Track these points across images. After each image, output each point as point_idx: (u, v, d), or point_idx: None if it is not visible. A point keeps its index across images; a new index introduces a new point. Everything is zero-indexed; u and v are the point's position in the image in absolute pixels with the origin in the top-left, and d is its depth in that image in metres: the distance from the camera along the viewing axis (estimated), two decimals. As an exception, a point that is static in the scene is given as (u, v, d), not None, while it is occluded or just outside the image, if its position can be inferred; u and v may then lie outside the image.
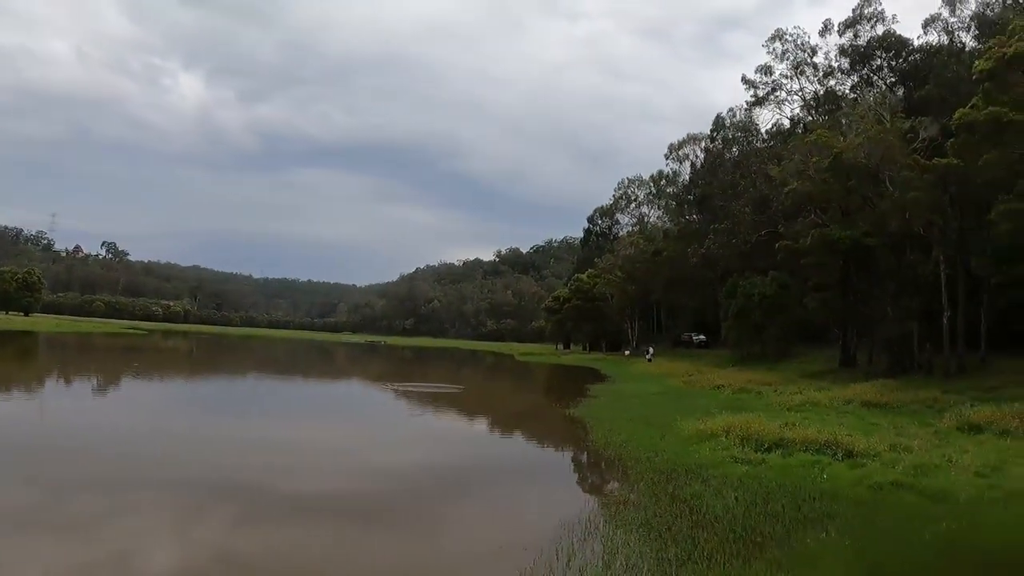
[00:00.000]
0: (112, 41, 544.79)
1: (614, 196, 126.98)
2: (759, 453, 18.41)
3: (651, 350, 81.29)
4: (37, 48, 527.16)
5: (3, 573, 9.89)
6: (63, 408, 29.61)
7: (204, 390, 43.28)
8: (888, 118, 46.36)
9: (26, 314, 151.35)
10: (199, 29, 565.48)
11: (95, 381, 42.10)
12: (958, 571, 10.48)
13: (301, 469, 18.50)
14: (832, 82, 75.11)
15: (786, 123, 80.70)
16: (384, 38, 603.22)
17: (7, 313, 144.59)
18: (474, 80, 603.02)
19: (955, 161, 34.50)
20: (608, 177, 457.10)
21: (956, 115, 34.82)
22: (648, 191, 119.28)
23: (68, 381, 41.36)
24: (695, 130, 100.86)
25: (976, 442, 19.55)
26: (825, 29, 73.76)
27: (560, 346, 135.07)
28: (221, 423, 26.76)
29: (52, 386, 38.16)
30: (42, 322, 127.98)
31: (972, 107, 33.60)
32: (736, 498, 14.06)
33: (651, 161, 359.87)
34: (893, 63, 68.75)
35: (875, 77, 69.70)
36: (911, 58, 66.93)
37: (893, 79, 68.19)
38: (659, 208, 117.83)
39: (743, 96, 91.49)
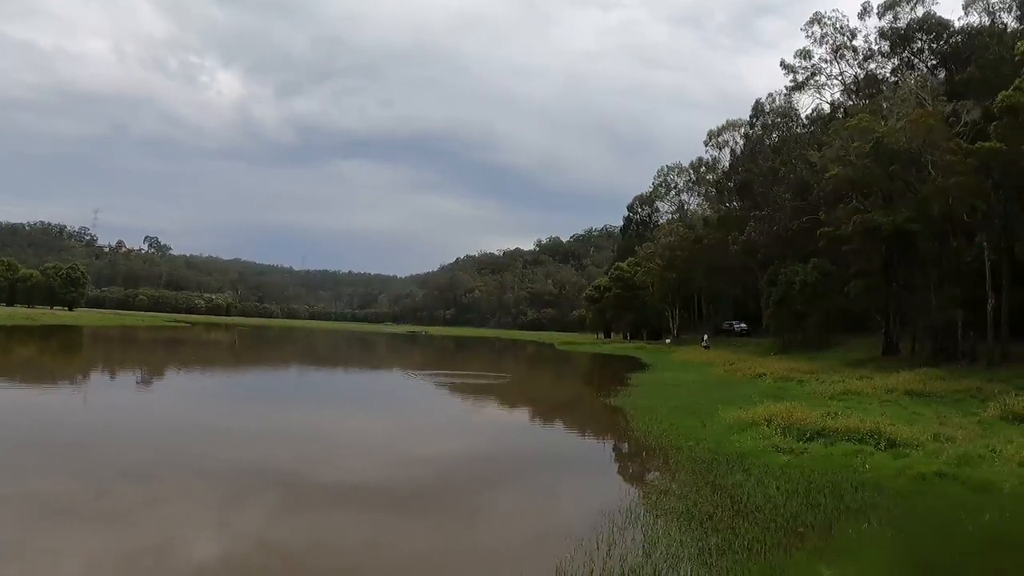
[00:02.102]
0: (149, 40, 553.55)
1: (653, 184, 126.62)
2: (801, 442, 18.31)
3: (707, 337, 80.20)
4: (75, 48, 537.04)
5: (53, 560, 10.14)
6: (106, 399, 30.11)
7: (245, 381, 43.81)
8: (930, 101, 45.89)
9: (70, 309, 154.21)
10: (234, 26, 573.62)
11: (138, 373, 42.72)
12: (1001, 563, 10.40)
13: (341, 458, 18.78)
14: (872, 65, 74.24)
15: (826, 108, 79.89)
16: (416, 30, 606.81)
17: (52, 308, 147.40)
18: (507, 70, 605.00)
19: (998, 145, 34.05)
20: (644, 165, 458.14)
21: (999, 98, 34.39)
22: (688, 178, 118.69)
23: (112, 373, 42.01)
24: (729, 117, 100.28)
25: (1021, 432, 19.28)
26: (864, 11, 72.82)
27: (601, 335, 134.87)
28: (261, 414, 27.07)
29: (96, 378, 38.87)
30: (86, 316, 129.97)
31: (1015, 89, 33.17)
32: (777, 488, 14.02)
33: (686, 149, 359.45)
34: (934, 45, 67.76)
35: (916, 60, 68.74)
36: (952, 40, 65.87)
37: (934, 62, 67.27)
38: (699, 195, 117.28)
39: (779, 83, 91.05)
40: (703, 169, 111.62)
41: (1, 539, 10.72)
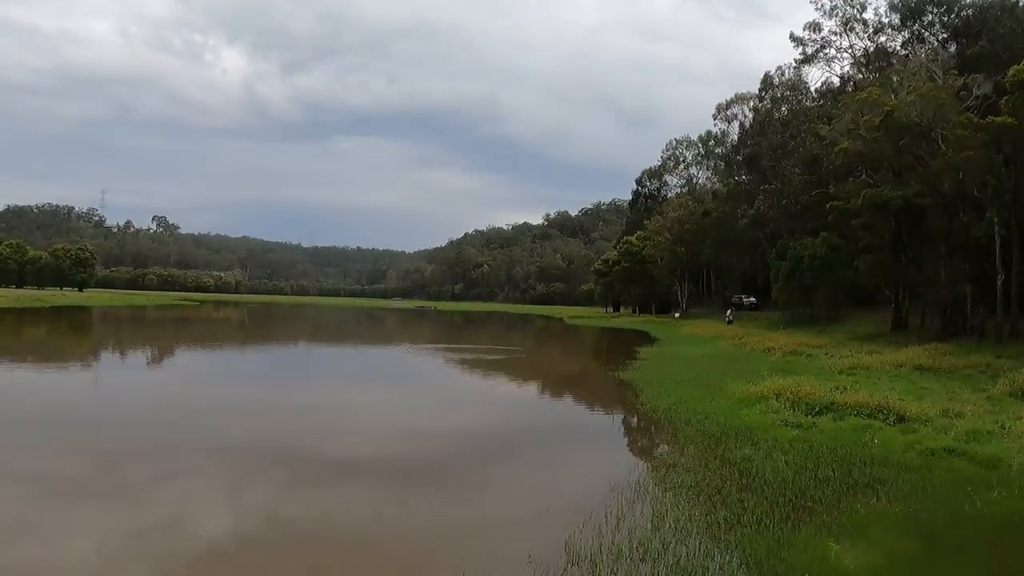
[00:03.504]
0: (153, 20, 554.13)
1: (662, 157, 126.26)
2: (809, 417, 18.31)
3: (731, 312, 77.74)
4: (79, 30, 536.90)
5: (66, 537, 10.24)
6: (117, 379, 30.47)
7: (255, 358, 43.97)
8: (940, 75, 45.57)
9: (80, 290, 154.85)
10: (237, 4, 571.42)
11: (147, 352, 43.00)
12: (1009, 539, 10.41)
13: (350, 434, 18.97)
14: (882, 38, 73.44)
15: (836, 81, 79.28)
16: (418, 5, 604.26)
17: (61, 289, 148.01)
18: (511, 45, 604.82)
19: (1009, 119, 33.77)
20: (650, 139, 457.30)
21: (1010, 72, 34.13)
22: (696, 152, 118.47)
23: (122, 353, 42.27)
24: (735, 91, 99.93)
25: (1030, 407, 19.29)
26: (875, -18, 72.22)
27: (609, 309, 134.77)
28: (271, 390, 27.25)
29: (106, 358, 39.10)
30: (96, 297, 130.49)
31: (1027, 63, 32.93)
32: (786, 462, 14.04)
33: (692, 122, 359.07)
34: (945, 19, 66.97)
35: (926, 33, 68.02)
36: (963, 13, 65.05)
37: (945, 35, 66.49)
38: (708, 169, 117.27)
39: (786, 57, 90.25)
40: (712, 143, 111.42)
41: (14, 517, 10.82)
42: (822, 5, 75.44)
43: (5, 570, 8.91)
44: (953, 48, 61.71)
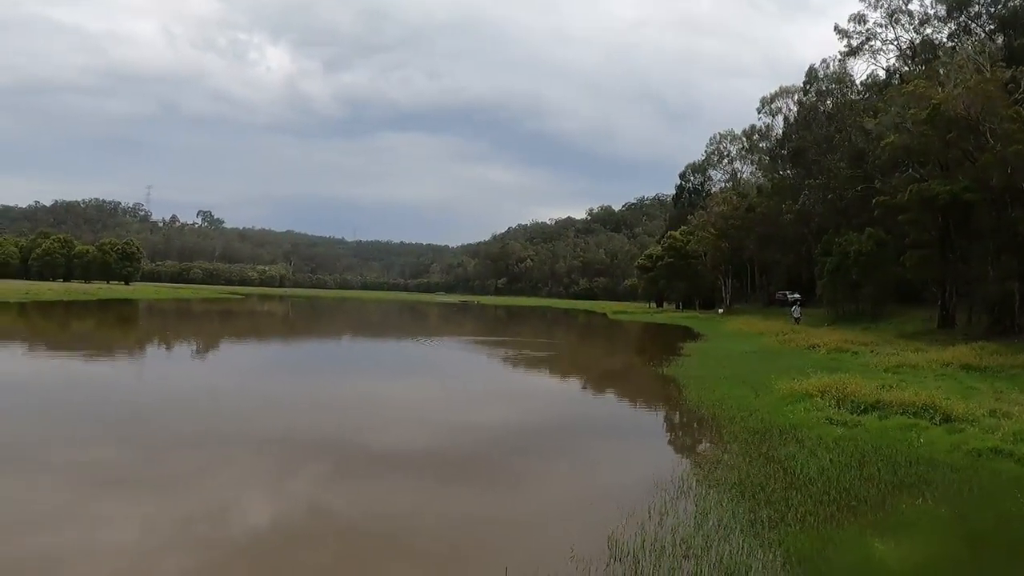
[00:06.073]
0: (198, 20, 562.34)
1: (706, 151, 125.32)
2: (855, 415, 18.21)
3: (796, 309, 65.64)
4: (124, 31, 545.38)
5: (111, 524, 10.51)
6: (161, 370, 30.95)
7: (299, 351, 44.46)
8: (988, 67, 44.85)
9: (127, 283, 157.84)
10: (281, 3, 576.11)
11: (192, 344, 43.61)
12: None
13: (391, 427, 19.16)
14: (928, 30, 72.36)
15: (881, 74, 78.27)
16: (460, 1, 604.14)
17: (108, 283, 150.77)
18: (554, 40, 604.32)
19: (1060, 113, 33.31)
20: (694, 134, 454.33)
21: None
22: (740, 146, 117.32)
23: (167, 344, 42.86)
24: (779, 84, 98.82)
25: (1080, 408, 18.99)
26: (921, -27, 71.19)
27: (653, 304, 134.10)
28: (313, 383, 27.50)
29: (152, 349, 39.73)
30: (142, 290, 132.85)
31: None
32: (831, 460, 14.00)
33: (736, 116, 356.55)
34: (992, 9, 65.80)
35: (973, 25, 66.93)
36: (1010, 4, 63.78)
37: (992, 26, 65.36)
38: (752, 163, 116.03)
39: (830, 49, 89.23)
40: (756, 137, 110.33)
41: (59, 504, 11.12)
42: (867, -4, 74.58)
43: (54, 556, 9.18)
44: (1001, 40, 60.67)
